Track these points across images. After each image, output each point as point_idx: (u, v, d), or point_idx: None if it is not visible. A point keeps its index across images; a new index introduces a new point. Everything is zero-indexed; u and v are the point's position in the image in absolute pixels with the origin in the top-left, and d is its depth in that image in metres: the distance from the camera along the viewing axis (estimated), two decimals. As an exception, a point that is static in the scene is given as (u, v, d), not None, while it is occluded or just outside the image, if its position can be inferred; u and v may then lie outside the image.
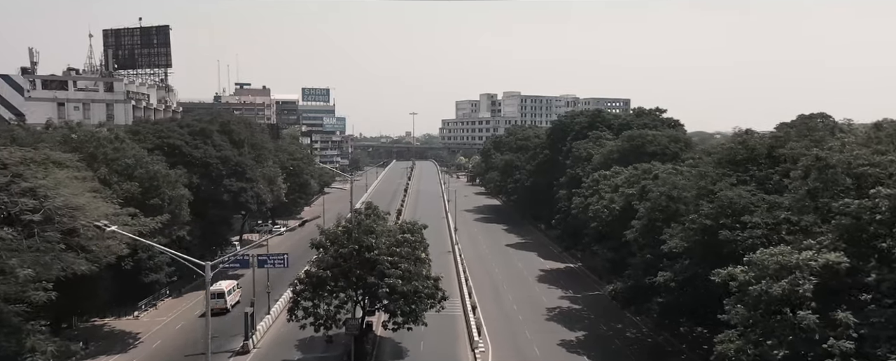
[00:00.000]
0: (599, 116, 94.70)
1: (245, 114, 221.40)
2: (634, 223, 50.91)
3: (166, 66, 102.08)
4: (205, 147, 72.91)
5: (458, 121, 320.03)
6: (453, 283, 73.02)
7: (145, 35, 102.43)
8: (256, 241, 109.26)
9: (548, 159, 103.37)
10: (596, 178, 65.48)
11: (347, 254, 43.94)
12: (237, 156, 76.94)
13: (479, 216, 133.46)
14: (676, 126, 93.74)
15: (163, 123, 73.13)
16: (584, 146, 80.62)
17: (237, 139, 79.98)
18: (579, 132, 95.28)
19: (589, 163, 77.48)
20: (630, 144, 70.81)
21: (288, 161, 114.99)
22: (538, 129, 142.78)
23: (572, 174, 79.32)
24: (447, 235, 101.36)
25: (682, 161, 68.41)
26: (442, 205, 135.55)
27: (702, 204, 40.87)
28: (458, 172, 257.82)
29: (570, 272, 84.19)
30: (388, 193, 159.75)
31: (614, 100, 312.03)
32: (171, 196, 55.69)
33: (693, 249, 40.74)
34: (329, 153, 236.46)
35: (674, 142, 70.08)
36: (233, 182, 75.20)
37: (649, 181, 54.92)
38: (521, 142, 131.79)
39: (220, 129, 79.53)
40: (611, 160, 72.02)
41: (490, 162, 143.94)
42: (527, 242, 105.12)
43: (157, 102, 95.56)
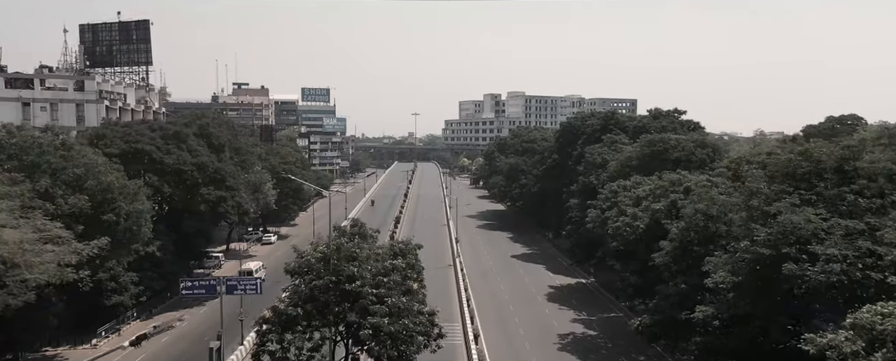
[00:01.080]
0: (613, 118, 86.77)
1: (242, 115, 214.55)
2: (664, 244, 43.05)
3: (147, 64, 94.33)
4: (178, 152, 65.23)
5: (461, 121, 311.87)
6: (453, 303, 65.30)
7: (124, 30, 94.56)
8: (245, 249, 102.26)
9: (556, 164, 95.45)
10: (614, 189, 57.57)
11: (323, 287, 36.06)
12: (216, 163, 69.22)
13: (482, 223, 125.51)
14: (696, 129, 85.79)
15: (132, 126, 65.50)
16: (598, 151, 72.72)
17: (217, 143, 72.30)
18: (591, 135, 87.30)
19: (604, 171, 69.58)
20: (651, 150, 62.89)
21: (280, 165, 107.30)
22: (545, 131, 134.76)
23: (585, 182, 71.45)
24: (448, 246, 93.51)
25: (710, 169, 60.61)
26: (443, 212, 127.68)
27: (755, 229, 32.93)
28: (461, 174, 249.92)
29: (582, 289, 76.24)
30: (387, 198, 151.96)
31: (621, 100, 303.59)
32: (129, 210, 47.91)
33: (744, 284, 32.83)
34: (329, 155, 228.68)
35: (700, 147, 62.13)
36: (211, 190, 67.48)
37: (679, 195, 47.03)
38: (527, 145, 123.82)
39: (198, 133, 71.85)
40: (629, 167, 64.11)
41: (494, 165, 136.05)
42: (534, 253, 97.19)
43: (136, 103, 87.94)
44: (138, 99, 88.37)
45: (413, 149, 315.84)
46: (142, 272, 60.32)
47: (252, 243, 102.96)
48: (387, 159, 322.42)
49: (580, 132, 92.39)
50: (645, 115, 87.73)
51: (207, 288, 46.75)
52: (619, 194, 56.82)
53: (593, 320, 62.97)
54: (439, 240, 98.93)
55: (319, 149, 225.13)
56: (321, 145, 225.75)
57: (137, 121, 69.24)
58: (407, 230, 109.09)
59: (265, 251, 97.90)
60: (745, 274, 32.29)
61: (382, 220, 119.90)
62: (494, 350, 53.05)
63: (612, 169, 66.42)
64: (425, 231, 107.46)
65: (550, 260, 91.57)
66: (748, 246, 32.38)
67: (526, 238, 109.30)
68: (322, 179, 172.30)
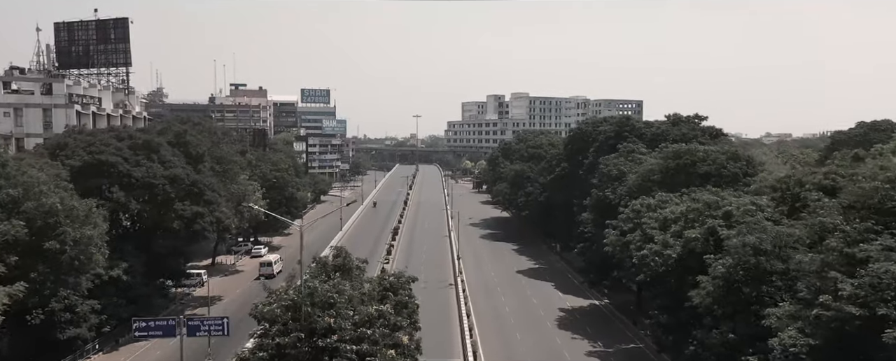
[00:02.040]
0: (628, 124, 79.35)
1: (239, 117, 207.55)
2: (703, 280, 35.74)
3: (125, 65, 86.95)
4: (148, 164, 58.01)
5: (463, 122, 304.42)
6: (454, 331, 58.39)
7: (101, 29, 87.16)
8: (232, 263, 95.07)
9: (565, 173, 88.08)
10: (637, 208, 50.23)
11: (290, 344, 28.89)
12: (193, 175, 61.96)
13: (485, 232, 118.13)
14: (719, 136, 78.36)
15: (98, 135, 58.40)
16: (613, 162, 65.40)
17: (195, 153, 65.05)
18: (604, 143, 79.91)
19: (621, 184, 62.26)
20: (676, 163, 55.50)
21: (270, 172, 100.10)
22: (551, 136, 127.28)
23: (600, 197, 64.14)
24: (449, 261, 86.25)
25: (743, 184, 53.23)
26: (445, 220, 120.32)
27: (837, 279, 25.61)
28: (464, 177, 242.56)
29: (596, 313, 68.85)
30: (386, 204, 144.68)
31: (626, 101, 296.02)
32: (76, 237, 40.75)
33: (823, 350, 25.50)
34: (328, 157, 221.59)
35: (732, 159, 54.69)
36: (186, 206, 60.20)
37: (718, 221, 39.66)
38: (534, 151, 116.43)
39: (174, 141, 64.62)
40: (651, 182, 56.77)
41: (498, 170, 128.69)
42: (541, 268, 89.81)
43: (113, 107, 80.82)
44: (116, 103, 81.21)
45: (415, 151, 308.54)
46: (105, 298, 53.11)
47: (241, 256, 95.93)
48: (388, 161, 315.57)
49: (591, 139, 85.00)
50: (663, 121, 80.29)
51: (165, 330, 39.61)
52: (643, 214, 49.48)
53: (611, 352, 55.63)
54: (440, 254, 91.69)
55: (319, 152, 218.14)
56: (321, 147, 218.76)
57: (105, 129, 62.14)
58: (406, 241, 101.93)
59: (255, 264, 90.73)
60: (826, 339, 24.99)
61: (382, 227, 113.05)
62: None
63: (632, 183, 59.08)
64: (426, 243, 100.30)
65: (559, 277, 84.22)
66: (829, 302, 25.06)
67: (532, 250, 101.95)
68: (319, 184, 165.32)
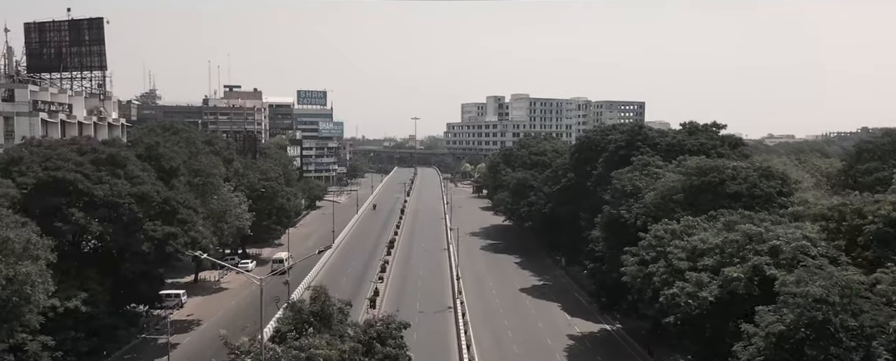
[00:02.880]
0: (640, 133, 73.06)
1: (233, 119, 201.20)
2: (751, 332, 29.53)
3: (100, 69, 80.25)
4: (113, 181, 51.74)
5: (463, 124, 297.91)
6: None
7: (75, 30, 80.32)
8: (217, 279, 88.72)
9: (572, 185, 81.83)
10: (660, 234, 44.00)
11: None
12: (164, 191, 55.73)
13: (486, 243, 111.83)
14: (738, 146, 72.25)
15: (57, 148, 52.11)
16: (627, 177, 59.18)
17: (169, 166, 58.83)
18: (614, 153, 73.68)
19: (636, 201, 56.03)
20: (701, 180, 49.25)
21: (259, 182, 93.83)
22: (555, 142, 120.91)
23: (613, 215, 57.92)
24: (448, 279, 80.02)
25: (778, 206, 47.02)
26: (443, 230, 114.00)
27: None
28: (463, 181, 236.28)
29: (608, 341, 62.61)
30: (383, 212, 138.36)
31: (628, 103, 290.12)
32: (10, 275, 34.50)
33: None
34: (325, 161, 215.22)
35: (765, 177, 48.44)
36: (157, 226, 53.95)
37: (763, 257, 33.44)
38: (537, 158, 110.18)
39: (145, 154, 58.41)
40: (672, 202, 50.55)
41: (499, 177, 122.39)
42: (546, 285, 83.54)
43: (86, 113, 74.52)
44: (90, 109, 74.86)
45: (413, 153, 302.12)
46: (62, 333, 46.96)
47: (226, 271, 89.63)
48: (387, 163, 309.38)
49: (600, 148, 78.77)
50: (678, 130, 74.15)
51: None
52: (667, 241, 43.28)
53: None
54: (438, 271, 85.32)
55: (315, 155, 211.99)
56: (317, 150, 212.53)
57: (66, 142, 55.79)
58: (402, 255, 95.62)
59: (241, 281, 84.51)
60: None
61: (377, 239, 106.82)
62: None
63: (650, 200, 52.86)
64: (423, 258, 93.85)
65: (565, 296, 77.98)
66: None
67: (535, 263, 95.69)
68: (314, 189, 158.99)
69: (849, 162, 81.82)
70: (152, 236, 53.69)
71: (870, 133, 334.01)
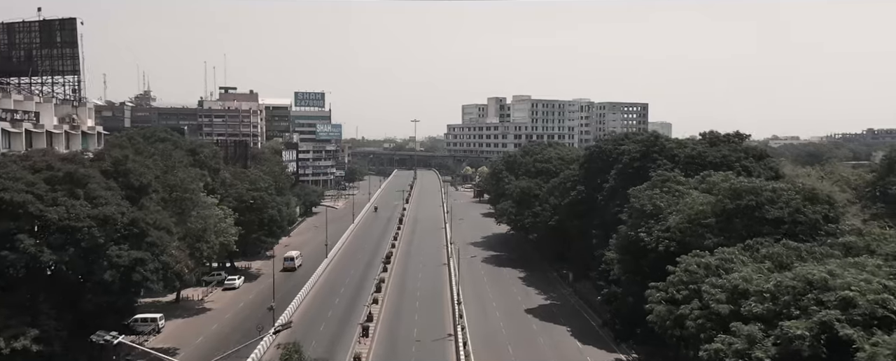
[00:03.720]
0: (656, 144, 66.81)
1: (228, 122, 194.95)
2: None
3: (73, 73, 73.80)
4: (70, 202, 45.61)
5: (464, 126, 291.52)
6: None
7: (46, 31, 73.70)
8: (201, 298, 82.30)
9: (582, 198, 75.57)
10: (692, 269, 37.76)
11: None
12: (132, 211, 49.56)
13: (488, 254, 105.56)
14: (763, 158, 66.02)
15: (6, 165, 45.97)
16: (647, 195, 52.91)
17: (138, 183, 52.59)
18: (628, 165, 67.49)
19: (658, 223, 49.82)
20: (735, 204, 43.01)
21: (247, 193, 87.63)
22: (561, 148, 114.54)
23: (631, 237, 51.63)
24: (448, 300, 73.88)
25: (824, 234, 40.82)
26: (443, 241, 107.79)
27: None
28: (464, 184, 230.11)
29: (624, 375, 56.53)
30: (381, 220, 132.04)
31: (631, 104, 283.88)
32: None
33: None
34: (322, 164, 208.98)
35: (809, 201, 42.20)
36: (122, 251, 47.81)
37: (832, 311, 27.24)
38: (542, 165, 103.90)
39: (112, 169, 52.18)
40: (702, 227, 44.34)
41: (501, 185, 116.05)
42: (554, 305, 77.28)
43: (57, 121, 68.28)
44: (62, 117, 68.67)
45: (413, 155, 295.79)
46: (9, 378, 41.12)
47: (212, 287, 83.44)
48: (387, 165, 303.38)
49: (612, 159, 72.60)
50: (698, 141, 68.02)
51: None
52: (700, 277, 37.09)
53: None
54: (438, 290, 79.06)
55: (312, 158, 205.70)
56: (314, 154, 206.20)
57: (19, 157, 49.47)
58: (399, 271, 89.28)
59: (227, 300, 78.45)
60: None
61: (373, 250, 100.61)
62: None
63: (675, 224, 46.63)
64: (421, 275, 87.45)
65: (575, 318, 71.72)
66: None
67: (540, 279, 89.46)
68: (310, 195, 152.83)
69: (879, 173, 75.89)
70: (117, 263, 47.51)
71: (876, 135, 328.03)
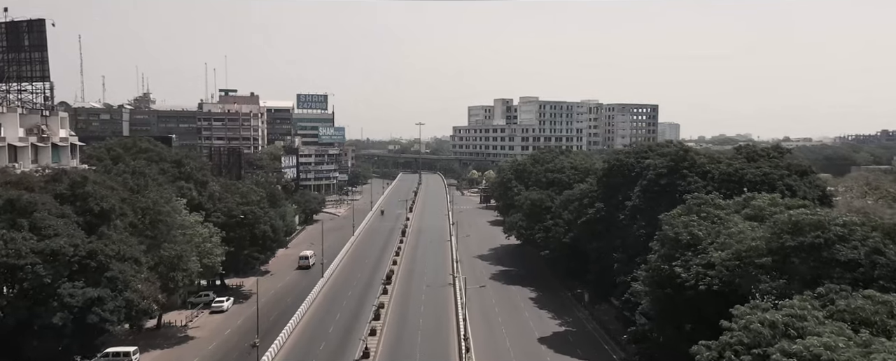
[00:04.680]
0: (685, 158, 59.27)
1: (228, 125, 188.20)
2: None
3: (42, 79, 66.85)
4: (10, 235, 38.66)
5: (470, 128, 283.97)
6: None
7: (13, 33, 66.51)
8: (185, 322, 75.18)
9: (601, 216, 68.10)
10: (756, 329, 30.33)
11: None
12: (89, 242, 42.54)
13: (496, 270, 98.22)
14: (808, 174, 58.50)
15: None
16: (681, 221, 45.50)
17: (99, 208, 45.56)
18: (654, 181, 60.04)
19: (696, 255, 42.45)
20: (797, 242, 35.55)
21: (237, 207, 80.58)
22: (573, 157, 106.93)
23: (665, 271, 44.23)
24: (453, 326, 66.70)
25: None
26: (449, 257, 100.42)
27: None
28: (470, 188, 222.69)
29: (655, 427, 49.12)
30: (383, 232, 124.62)
31: (640, 105, 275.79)
32: None
33: None
34: (325, 168, 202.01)
35: (890, 238, 34.72)
36: (76, 288, 40.86)
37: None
38: (553, 175, 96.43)
39: (69, 193, 45.19)
40: (756, 268, 36.91)
41: (510, 195, 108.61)
42: (569, 332, 69.92)
43: (24, 133, 61.45)
44: (29, 128, 61.80)
45: (418, 158, 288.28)
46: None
47: (198, 310, 76.41)
48: (391, 167, 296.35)
49: (634, 174, 65.19)
50: (734, 155, 60.60)
51: None
52: (765, 339, 29.70)
53: None
54: (443, 317, 71.55)
55: (314, 162, 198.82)
56: (316, 158, 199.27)
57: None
58: (401, 292, 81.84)
59: (213, 325, 71.43)
60: None
61: (373, 268, 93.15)
62: None
63: (720, 262, 39.21)
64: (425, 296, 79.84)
65: (594, 350, 64.36)
66: None
67: (553, 300, 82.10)
68: (310, 202, 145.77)
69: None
70: (69, 303, 40.53)
71: (891, 136, 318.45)
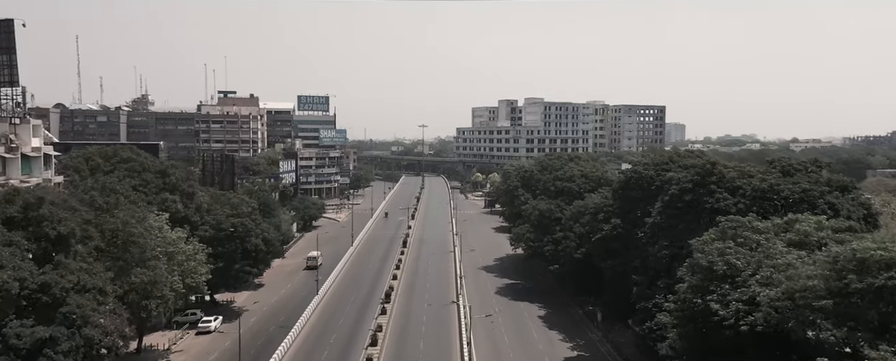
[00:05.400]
0: (713, 171, 53.44)
1: (227, 128, 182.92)
2: None
3: (10, 84, 61.33)
4: (-59, 271, 33.06)
5: (474, 129, 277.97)
6: None
7: (-23, 35, 62.13)
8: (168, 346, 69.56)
9: (617, 233, 62.31)
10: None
11: None
12: (40, 274, 37.01)
13: (502, 283, 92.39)
14: (849, 190, 52.59)
15: None
16: (715, 249, 39.77)
17: (56, 234, 40.01)
18: (677, 197, 54.27)
19: (735, 289, 36.73)
20: (865, 284, 29.79)
21: (227, 219, 75.09)
22: (585, 164, 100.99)
23: (697, 305, 38.54)
24: (456, 348, 61.04)
25: None
26: (452, 268, 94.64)
27: None
28: (474, 192, 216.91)
29: None
30: (383, 242, 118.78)
31: (647, 107, 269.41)
32: None
33: None
34: (326, 171, 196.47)
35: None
36: (24, 328, 35.38)
37: None
38: (563, 185, 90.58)
39: (21, 216, 39.65)
40: (809, 308, 31.21)
41: (516, 204, 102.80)
42: (581, 356, 64.21)
43: (-10, 144, 56.06)
44: (-4, 138, 56.46)
45: (421, 160, 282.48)
46: None
47: (184, 330, 70.85)
48: (394, 169, 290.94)
49: (654, 187, 59.40)
50: (768, 169, 54.79)
51: None
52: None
53: None
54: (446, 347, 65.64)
55: (315, 166, 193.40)
56: (317, 161, 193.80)
57: None
58: (401, 311, 75.91)
59: (198, 348, 65.93)
60: None
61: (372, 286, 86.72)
62: None
63: (769, 301, 33.48)
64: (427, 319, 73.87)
65: (611, 379, 58.82)
66: None
67: (563, 318, 76.29)
68: (309, 208, 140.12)
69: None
70: (14, 346, 35.02)
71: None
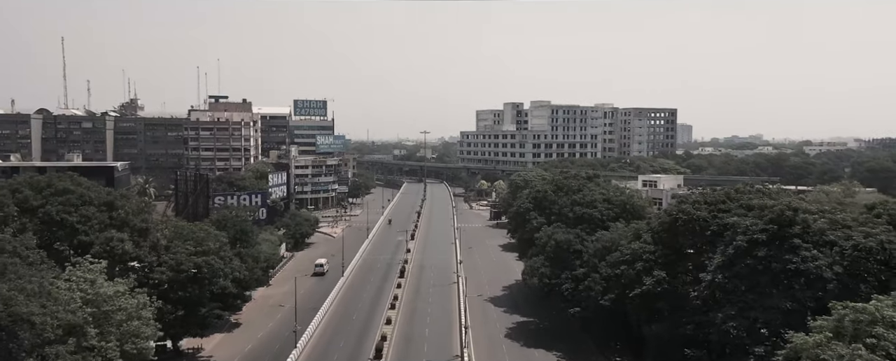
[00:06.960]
0: (795, 220, 40.51)
1: (217, 135, 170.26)
2: None
3: None
4: None
5: (478, 133, 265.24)
6: None
7: None
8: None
9: (662, 290, 49.16)
10: None
11: None
12: None
13: (512, 322, 79.03)
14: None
15: None
16: (834, 354, 27.03)
17: None
18: (745, 250, 41.34)
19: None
20: None
21: (188, 258, 62.33)
22: (606, 187, 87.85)
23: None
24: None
25: None
26: (456, 306, 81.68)
27: None
28: (479, 200, 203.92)
29: None
30: (378, 270, 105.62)
31: (658, 110, 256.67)
32: None
33: None
34: (324, 180, 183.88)
35: None
36: None
37: None
38: (583, 211, 77.47)
39: None
40: None
41: (529, 228, 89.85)
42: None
43: None
44: None
45: (424, 165, 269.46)
46: None
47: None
48: (396, 175, 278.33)
49: (709, 233, 46.37)
50: (866, 215, 41.86)
51: None
52: None
53: None
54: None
55: (311, 174, 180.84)
56: (314, 169, 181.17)
57: None
58: None
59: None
60: None
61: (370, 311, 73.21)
62: None
63: None
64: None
65: None
66: None
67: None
68: (302, 225, 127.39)
69: None
70: None
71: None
